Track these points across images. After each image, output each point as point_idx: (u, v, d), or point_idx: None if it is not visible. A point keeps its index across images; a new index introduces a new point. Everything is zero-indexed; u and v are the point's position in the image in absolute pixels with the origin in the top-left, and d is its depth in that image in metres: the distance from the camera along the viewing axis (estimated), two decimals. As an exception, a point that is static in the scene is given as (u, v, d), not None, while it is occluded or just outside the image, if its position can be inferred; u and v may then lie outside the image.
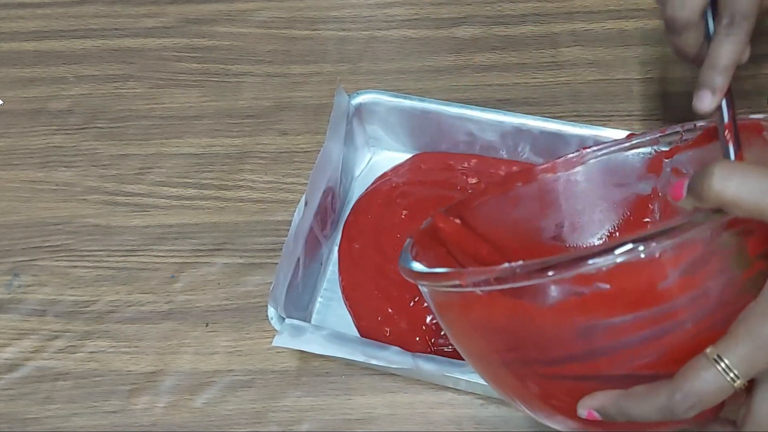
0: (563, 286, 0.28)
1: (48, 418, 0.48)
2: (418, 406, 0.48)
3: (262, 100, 0.61)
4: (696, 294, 0.28)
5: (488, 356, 0.33)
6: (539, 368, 0.31)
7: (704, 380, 0.27)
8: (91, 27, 0.67)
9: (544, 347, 0.30)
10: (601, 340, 0.29)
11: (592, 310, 0.28)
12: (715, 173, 0.27)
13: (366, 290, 0.51)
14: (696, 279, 0.28)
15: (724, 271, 0.28)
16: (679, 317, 0.28)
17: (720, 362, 0.27)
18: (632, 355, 0.29)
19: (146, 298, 0.52)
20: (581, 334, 0.29)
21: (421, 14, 0.66)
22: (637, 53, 0.62)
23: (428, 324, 0.49)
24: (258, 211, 0.56)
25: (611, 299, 0.28)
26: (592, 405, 0.30)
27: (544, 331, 0.30)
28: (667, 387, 0.28)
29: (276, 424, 0.47)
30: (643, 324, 0.28)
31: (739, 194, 0.26)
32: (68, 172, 0.59)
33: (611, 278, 0.27)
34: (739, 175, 0.26)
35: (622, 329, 0.28)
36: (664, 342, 0.28)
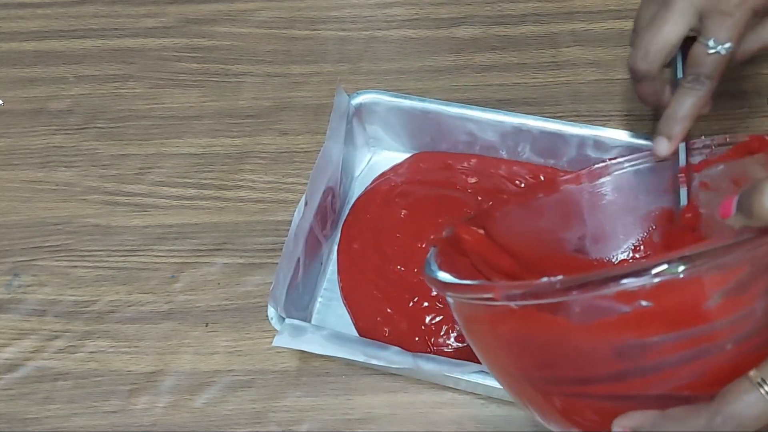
0: (604, 303, 0.27)
1: (48, 418, 0.48)
2: (418, 406, 0.47)
3: (262, 100, 0.61)
4: (740, 315, 0.27)
5: (515, 372, 0.32)
6: (569, 387, 0.30)
7: (746, 404, 0.26)
8: (91, 27, 0.67)
9: (577, 366, 0.30)
10: (638, 361, 0.28)
11: (632, 329, 0.28)
12: (765, 189, 0.25)
13: (365, 290, 0.51)
14: (741, 300, 0.27)
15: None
16: (721, 338, 0.27)
17: (764, 386, 0.26)
18: (669, 376, 0.28)
19: (146, 298, 0.52)
20: (618, 354, 0.28)
21: (421, 14, 0.66)
22: (637, 53, 0.62)
23: (428, 324, 0.49)
24: (258, 211, 0.56)
25: (652, 318, 0.27)
26: (627, 425, 0.29)
27: (580, 349, 0.29)
28: (708, 410, 0.27)
29: (276, 424, 0.47)
30: (683, 345, 0.28)
31: None
32: (68, 172, 0.59)
33: (654, 296, 0.27)
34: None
35: (661, 349, 0.28)
36: (703, 363, 0.28)
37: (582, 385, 0.30)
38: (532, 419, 0.46)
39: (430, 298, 0.50)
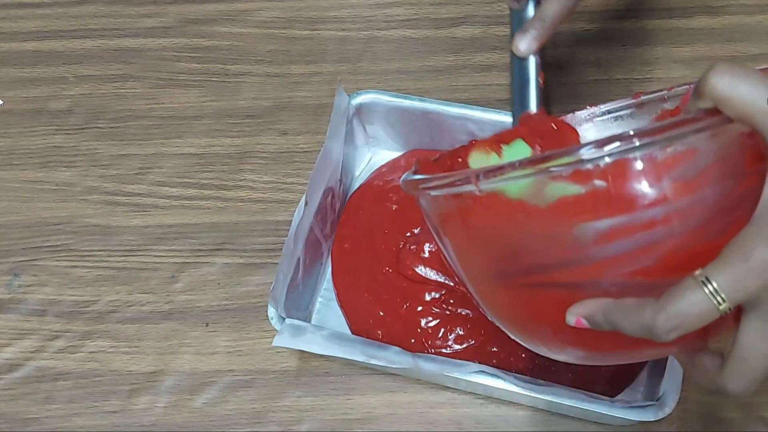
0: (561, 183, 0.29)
1: (48, 418, 0.48)
2: (418, 406, 0.48)
3: (262, 100, 0.61)
4: (691, 200, 0.28)
5: (486, 269, 0.33)
6: (534, 277, 0.31)
7: (689, 302, 0.27)
8: (91, 27, 0.67)
9: (538, 251, 0.31)
10: (593, 243, 0.29)
11: (587, 210, 0.29)
12: (715, 68, 0.27)
13: (357, 292, 0.51)
14: (692, 185, 0.28)
15: (720, 180, 0.28)
16: (673, 223, 0.28)
17: (708, 284, 0.27)
18: (624, 260, 0.29)
19: (146, 298, 0.52)
20: (575, 237, 0.29)
21: (420, 14, 0.66)
22: (637, 53, 0.62)
23: (424, 327, 0.49)
24: (258, 211, 0.56)
25: (606, 199, 0.28)
26: (581, 311, 0.30)
27: (540, 232, 0.30)
28: (653, 305, 0.27)
29: (276, 424, 0.47)
30: (636, 227, 0.28)
31: (731, 92, 0.26)
32: (68, 172, 0.59)
33: (608, 176, 0.28)
34: (737, 74, 0.26)
35: (615, 231, 0.28)
36: (656, 248, 0.28)
37: (544, 272, 0.31)
38: (530, 418, 0.46)
39: (424, 302, 0.49)
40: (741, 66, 0.27)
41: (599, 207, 0.28)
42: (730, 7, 0.63)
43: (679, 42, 0.62)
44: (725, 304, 0.26)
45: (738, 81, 0.26)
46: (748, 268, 0.26)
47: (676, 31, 0.63)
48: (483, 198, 0.31)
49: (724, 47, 0.61)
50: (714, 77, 0.27)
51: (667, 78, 0.60)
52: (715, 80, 0.27)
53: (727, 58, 0.61)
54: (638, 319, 0.28)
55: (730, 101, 0.27)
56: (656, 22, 0.63)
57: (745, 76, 0.26)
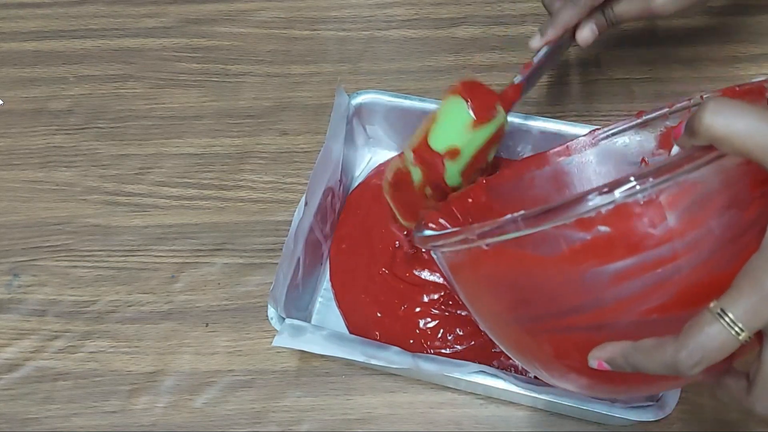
0: (565, 233, 0.29)
1: (48, 418, 0.48)
2: (418, 406, 0.48)
3: (262, 100, 0.61)
4: (698, 235, 0.28)
5: (500, 315, 0.34)
6: (548, 322, 0.31)
7: (708, 336, 0.27)
8: (91, 27, 0.67)
9: (551, 299, 0.31)
10: (605, 287, 0.29)
11: (594, 256, 0.29)
12: (707, 107, 0.27)
13: (354, 294, 0.51)
14: (697, 219, 0.28)
15: (724, 211, 0.28)
16: (682, 259, 0.28)
17: (724, 317, 0.27)
18: (638, 300, 0.29)
19: (146, 298, 0.52)
20: (586, 282, 0.29)
21: (420, 14, 0.66)
22: (637, 53, 0.62)
23: (422, 328, 0.49)
24: (258, 211, 0.56)
25: (612, 243, 0.28)
26: (601, 356, 0.30)
27: (550, 281, 0.30)
28: (674, 343, 0.28)
29: (276, 424, 0.47)
30: (646, 267, 0.28)
31: (728, 130, 0.26)
32: (68, 172, 0.59)
33: (611, 221, 0.28)
34: (731, 111, 0.26)
35: (626, 274, 0.29)
36: (669, 285, 0.29)
37: (558, 318, 0.31)
38: (530, 419, 0.46)
39: (423, 303, 0.49)
40: (734, 102, 0.27)
41: (605, 252, 0.29)
42: (730, 7, 0.63)
43: (679, 42, 0.62)
44: (744, 334, 0.27)
45: (733, 119, 0.26)
46: (762, 296, 0.26)
47: (676, 31, 0.63)
48: (491, 251, 0.31)
49: (724, 47, 0.61)
50: (708, 117, 0.27)
51: (667, 78, 0.60)
52: (710, 119, 0.26)
53: (721, 59, 0.61)
54: (660, 359, 0.28)
55: (726, 140, 0.26)
56: (656, 22, 0.63)
57: (740, 112, 0.26)
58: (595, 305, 0.30)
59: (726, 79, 0.60)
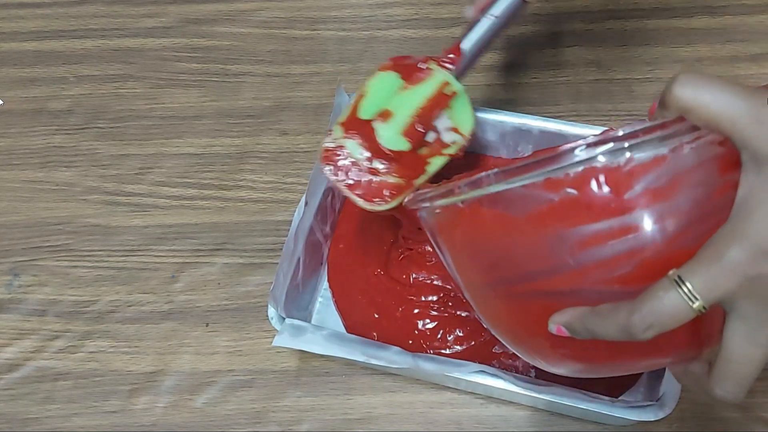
0: (534, 193, 0.29)
1: (48, 418, 0.48)
2: (418, 406, 0.48)
3: (262, 100, 0.61)
4: (664, 208, 0.28)
5: (475, 278, 0.34)
6: (518, 286, 0.32)
7: (663, 302, 0.27)
8: (91, 27, 0.67)
9: (520, 260, 0.31)
10: (570, 252, 0.29)
11: (561, 218, 0.29)
12: (678, 78, 0.27)
13: (351, 295, 0.51)
14: (664, 192, 0.28)
15: (693, 188, 0.28)
16: (646, 230, 0.28)
17: (682, 285, 0.27)
18: (601, 268, 0.29)
19: (146, 298, 0.52)
20: (552, 245, 0.30)
21: (420, 14, 0.66)
22: (637, 53, 0.62)
23: (421, 329, 0.49)
24: (258, 211, 0.56)
25: (580, 206, 0.29)
26: (560, 320, 0.31)
27: (519, 242, 0.31)
28: (628, 306, 0.28)
29: (276, 424, 0.47)
30: (609, 234, 0.29)
31: (696, 101, 0.27)
32: (68, 172, 0.59)
33: (579, 184, 0.28)
34: (700, 83, 0.27)
35: (590, 239, 0.29)
36: (632, 256, 0.29)
37: (527, 281, 0.31)
38: (530, 418, 0.46)
39: (421, 305, 0.49)
40: (704, 75, 0.27)
41: (572, 215, 0.29)
42: (730, 7, 0.63)
43: (679, 42, 0.62)
44: (699, 303, 0.27)
45: (702, 90, 0.27)
46: (721, 267, 0.26)
47: (676, 31, 0.63)
48: (466, 210, 0.32)
49: (724, 47, 0.61)
50: (678, 88, 0.27)
51: (668, 78, 0.60)
52: (679, 91, 0.27)
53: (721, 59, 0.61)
54: (614, 322, 0.28)
55: (695, 111, 0.27)
56: (656, 22, 0.63)
57: (708, 84, 0.27)
58: (560, 270, 0.30)
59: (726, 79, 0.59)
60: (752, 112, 0.26)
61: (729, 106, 0.26)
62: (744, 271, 0.26)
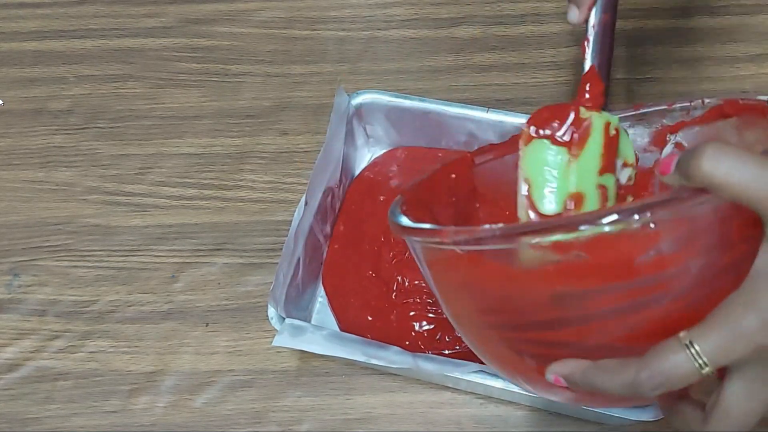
0: (540, 251, 0.28)
1: (48, 418, 0.48)
2: (418, 406, 0.48)
3: (262, 100, 0.61)
4: (675, 272, 0.28)
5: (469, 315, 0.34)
6: (517, 333, 0.31)
7: (672, 363, 0.27)
8: (91, 27, 0.67)
9: (519, 311, 0.31)
10: (573, 309, 0.29)
11: (567, 279, 0.28)
12: (706, 153, 0.26)
13: (345, 297, 0.51)
14: (675, 257, 0.28)
15: (706, 252, 0.28)
16: (656, 293, 0.28)
17: (691, 347, 0.27)
18: (604, 327, 0.29)
19: (146, 298, 0.52)
20: (555, 302, 0.29)
21: (420, 14, 0.66)
22: (636, 53, 0.62)
23: (418, 331, 0.49)
24: (258, 211, 0.56)
25: (587, 269, 0.28)
26: (560, 371, 0.30)
27: (520, 294, 0.30)
28: (636, 364, 0.28)
29: (276, 424, 0.47)
30: (616, 297, 0.28)
31: (729, 177, 0.26)
32: (68, 172, 0.59)
33: (590, 248, 0.27)
34: (732, 158, 0.26)
35: (595, 300, 0.29)
36: (637, 317, 0.29)
37: (526, 330, 0.31)
38: (530, 418, 0.46)
39: (417, 307, 0.49)
40: (730, 148, 0.26)
41: (579, 276, 0.28)
42: (730, 7, 0.63)
43: (679, 42, 0.62)
44: (708, 369, 0.27)
45: (734, 167, 0.26)
46: (734, 335, 0.27)
47: (676, 31, 0.63)
48: (465, 255, 0.31)
49: (724, 47, 0.61)
50: (707, 163, 0.26)
51: (667, 78, 0.60)
52: (709, 167, 0.26)
53: (721, 59, 0.61)
54: (621, 378, 0.28)
55: (727, 187, 0.26)
56: (656, 22, 0.63)
57: (739, 160, 0.26)
58: (561, 325, 0.30)
59: (726, 79, 0.60)
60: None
61: (758, 183, 0.26)
62: (756, 339, 0.26)
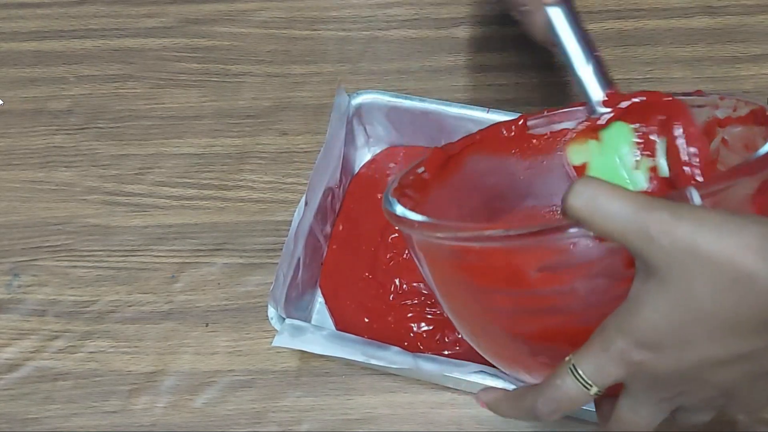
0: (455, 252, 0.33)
1: (48, 418, 0.48)
2: (418, 406, 0.47)
3: (262, 100, 0.61)
4: (560, 289, 0.30)
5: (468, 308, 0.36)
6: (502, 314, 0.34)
7: (561, 388, 0.29)
8: (91, 27, 0.67)
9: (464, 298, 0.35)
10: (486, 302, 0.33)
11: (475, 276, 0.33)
12: (574, 189, 0.27)
13: (341, 299, 0.51)
14: (559, 277, 0.30)
15: (593, 278, 0.30)
16: (547, 304, 0.31)
17: (576, 371, 0.29)
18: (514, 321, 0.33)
19: (146, 298, 0.52)
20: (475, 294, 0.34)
21: (421, 14, 0.66)
22: (637, 53, 0.62)
23: (417, 332, 0.48)
24: (258, 211, 0.56)
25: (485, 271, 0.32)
26: (485, 399, 0.34)
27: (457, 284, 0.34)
28: (533, 393, 0.31)
29: (276, 424, 0.47)
30: (514, 300, 0.32)
31: (590, 213, 0.26)
32: (68, 172, 0.59)
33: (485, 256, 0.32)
34: (593, 193, 0.26)
35: (499, 298, 0.32)
36: (537, 320, 0.32)
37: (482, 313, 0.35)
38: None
39: (414, 308, 0.49)
40: (599, 183, 0.27)
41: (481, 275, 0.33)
42: (730, 7, 0.64)
43: (679, 42, 0.62)
44: (594, 389, 0.29)
45: (595, 202, 0.26)
46: (608, 356, 0.28)
47: (676, 31, 0.63)
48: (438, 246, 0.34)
49: (724, 47, 0.61)
50: (572, 199, 0.27)
51: (667, 78, 0.60)
52: (572, 202, 0.27)
53: (721, 59, 0.60)
54: (522, 406, 0.31)
55: (589, 222, 0.27)
56: (656, 22, 0.63)
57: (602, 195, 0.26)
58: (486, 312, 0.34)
59: (726, 79, 0.60)
60: (642, 227, 0.26)
61: (620, 221, 0.26)
62: (626, 359, 0.28)
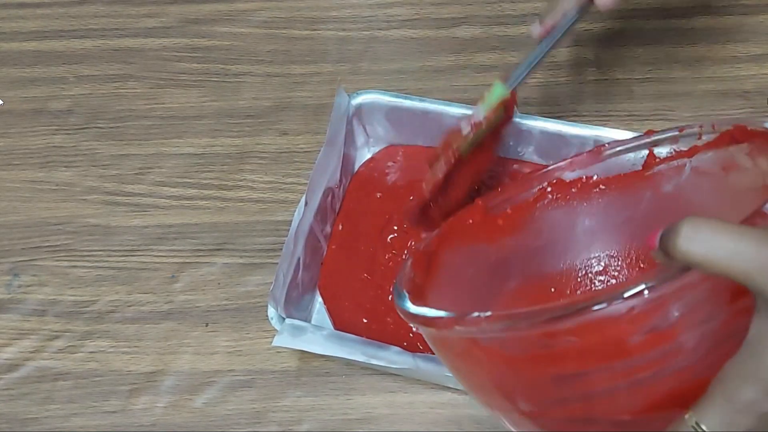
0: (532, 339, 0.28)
1: (48, 418, 0.48)
2: (418, 406, 0.47)
3: (262, 100, 0.61)
4: (665, 349, 0.28)
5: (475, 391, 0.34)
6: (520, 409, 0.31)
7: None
8: (91, 27, 0.67)
9: (525, 391, 0.31)
10: (573, 389, 0.29)
11: (562, 362, 0.29)
12: (681, 232, 0.25)
13: (339, 300, 0.51)
14: (667, 334, 0.28)
15: (699, 324, 0.28)
16: (650, 370, 0.28)
17: (698, 429, 0.27)
18: (607, 403, 0.29)
19: (146, 298, 0.52)
20: (555, 383, 0.29)
21: (421, 14, 0.66)
22: (637, 53, 0.62)
23: (417, 332, 0.48)
24: (258, 211, 0.56)
25: (580, 352, 0.28)
26: None
27: (521, 377, 0.30)
28: None
29: (276, 424, 0.47)
30: (614, 376, 0.28)
31: (708, 255, 0.25)
32: (68, 172, 0.59)
33: (579, 333, 0.27)
34: (708, 234, 0.25)
35: (594, 380, 0.29)
36: (638, 392, 0.29)
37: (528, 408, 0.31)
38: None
39: None
40: (708, 223, 0.25)
41: (572, 359, 0.28)
42: (730, 7, 0.63)
43: (679, 42, 0.62)
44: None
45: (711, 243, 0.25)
46: (736, 409, 0.26)
47: (676, 31, 0.63)
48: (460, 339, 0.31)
49: (724, 47, 0.61)
50: (685, 244, 0.25)
51: (667, 78, 0.60)
52: (685, 247, 0.25)
53: (721, 59, 0.60)
54: None
55: (707, 265, 0.25)
56: (656, 22, 0.63)
57: (715, 235, 0.25)
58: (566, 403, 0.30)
59: (726, 79, 0.60)
60: (764, 262, 0.25)
61: (740, 258, 0.25)
62: (756, 409, 0.26)
